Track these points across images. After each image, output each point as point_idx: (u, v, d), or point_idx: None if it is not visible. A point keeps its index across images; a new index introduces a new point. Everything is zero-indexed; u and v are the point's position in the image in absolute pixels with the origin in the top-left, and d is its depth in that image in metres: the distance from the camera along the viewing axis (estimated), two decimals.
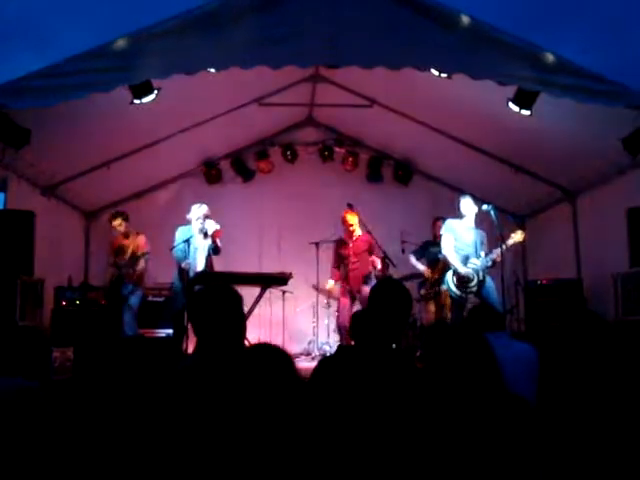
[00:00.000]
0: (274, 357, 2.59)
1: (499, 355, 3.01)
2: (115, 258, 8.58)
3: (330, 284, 8.75)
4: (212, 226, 7.89)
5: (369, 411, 2.57)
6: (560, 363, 3.05)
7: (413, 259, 9.08)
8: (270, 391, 2.43)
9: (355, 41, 5.74)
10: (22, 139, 6.22)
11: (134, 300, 8.39)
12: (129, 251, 8.54)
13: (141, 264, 8.50)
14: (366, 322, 2.92)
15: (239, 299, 2.92)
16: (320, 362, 2.91)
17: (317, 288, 9.49)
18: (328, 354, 8.62)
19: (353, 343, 4.25)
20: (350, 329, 4.58)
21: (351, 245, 8.53)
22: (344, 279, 8.44)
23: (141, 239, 8.61)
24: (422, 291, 9.09)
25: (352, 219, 8.51)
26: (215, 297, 2.88)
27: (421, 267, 8.99)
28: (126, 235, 8.64)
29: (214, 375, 2.60)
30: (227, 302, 2.85)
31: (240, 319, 2.89)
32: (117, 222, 8.60)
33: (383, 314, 2.86)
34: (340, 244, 8.68)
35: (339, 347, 3.09)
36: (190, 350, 7.28)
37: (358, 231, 8.55)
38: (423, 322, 8.97)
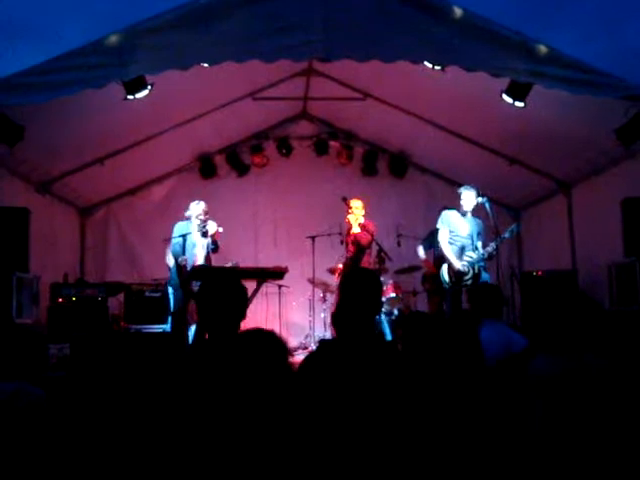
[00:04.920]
0: (268, 342, 2.61)
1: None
2: None
3: None
4: (213, 227, 7.92)
5: (353, 402, 2.59)
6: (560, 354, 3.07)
7: (421, 251, 9.03)
8: (262, 375, 2.44)
9: (348, 34, 5.73)
10: (16, 136, 6.20)
11: None
12: None
13: None
14: (340, 313, 2.94)
15: (246, 294, 3.02)
16: (305, 358, 2.92)
17: (313, 282, 9.50)
18: None
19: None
20: (332, 322, 4.61)
21: (349, 234, 8.61)
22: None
23: None
24: (426, 285, 9.08)
25: (353, 203, 8.55)
26: (228, 289, 2.95)
27: (423, 258, 8.96)
28: None
29: (212, 363, 2.62)
30: (237, 295, 2.92)
31: (243, 313, 2.97)
32: None
33: (352, 303, 2.88)
34: (345, 233, 8.74)
35: (320, 341, 3.09)
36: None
37: (358, 219, 8.54)
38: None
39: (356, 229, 8.46)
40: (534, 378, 2.97)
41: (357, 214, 8.56)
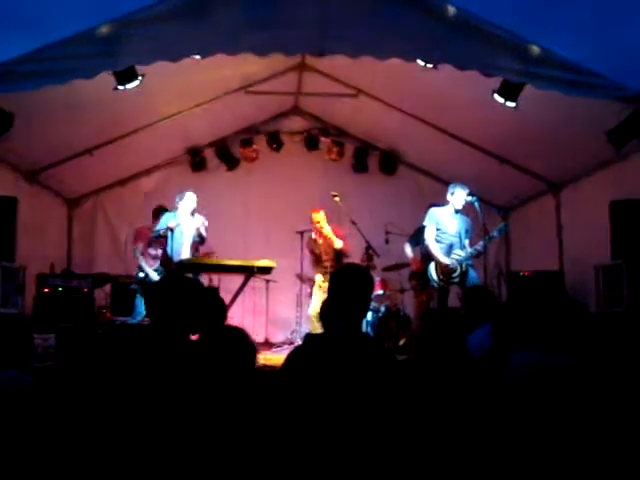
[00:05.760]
0: (237, 341, 2.61)
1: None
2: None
3: (319, 278, 8.81)
4: (199, 220, 7.93)
5: (338, 395, 2.58)
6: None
7: (408, 248, 9.02)
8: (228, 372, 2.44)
9: (341, 30, 5.72)
10: (4, 124, 6.16)
11: None
12: None
13: None
14: (329, 308, 2.93)
15: (195, 290, 2.94)
16: (291, 352, 2.92)
17: (301, 277, 9.50)
18: None
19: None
20: (319, 316, 4.62)
21: (321, 242, 8.66)
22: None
23: None
24: (412, 282, 9.09)
25: (317, 217, 8.68)
26: (169, 287, 2.89)
27: (410, 256, 8.97)
28: None
29: (170, 360, 2.61)
30: (179, 293, 2.86)
31: (196, 308, 2.90)
32: None
33: (342, 299, 2.88)
34: (312, 243, 8.79)
35: (306, 335, 3.09)
36: None
37: (326, 229, 8.62)
38: (414, 312, 8.99)
39: (338, 243, 8.55)
40: (511, 373, 3.00)
41: (324, 225, 8.65)
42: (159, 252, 8.48)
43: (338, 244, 8.56)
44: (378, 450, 2.50)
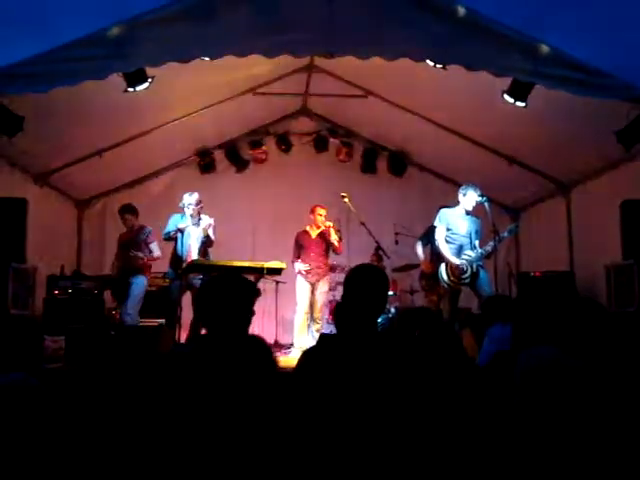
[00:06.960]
0: (255, 349, 2.59)
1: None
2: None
3: (299, 266, 8.86)
4: (206, 220, 7.94)
5: (352, 397, 2.57)
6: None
7: (419, 249, 9.01)
8: (251, 381, 2.43)
9: (350, 31, 5.72)
10: (15, 126, 6.18)
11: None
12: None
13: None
14: (343, 309, 2.91)
15: (253, 291, 2.95)
16: (303, 353, 2.90)
17: None
18: None
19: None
20: (333, 317, 4.62)
21: (313, 235, 8.82)
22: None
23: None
24: (422, 283, 9.08)
25: (322, 211, 8.80)
26: (230, 287, 2.89)
27: (421, 257, 8.96)
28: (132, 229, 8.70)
29: (211, 362, 2.60)
30: (241, 292, 2.86)
31: (249, 310, 2.90)
32: (129, 216, 8.60)
33: (357, 300, 2.85)
34: (303, 235, 8.91)
35: (321, 335, 3.07)
36: (182, 339, 7.32)
37: (327, 223, 8.75)
38: None
39: (335, 236, 8.58)
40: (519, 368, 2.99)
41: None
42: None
43: (335, 237, 8.61)
44: (394, 452, 2.48)
